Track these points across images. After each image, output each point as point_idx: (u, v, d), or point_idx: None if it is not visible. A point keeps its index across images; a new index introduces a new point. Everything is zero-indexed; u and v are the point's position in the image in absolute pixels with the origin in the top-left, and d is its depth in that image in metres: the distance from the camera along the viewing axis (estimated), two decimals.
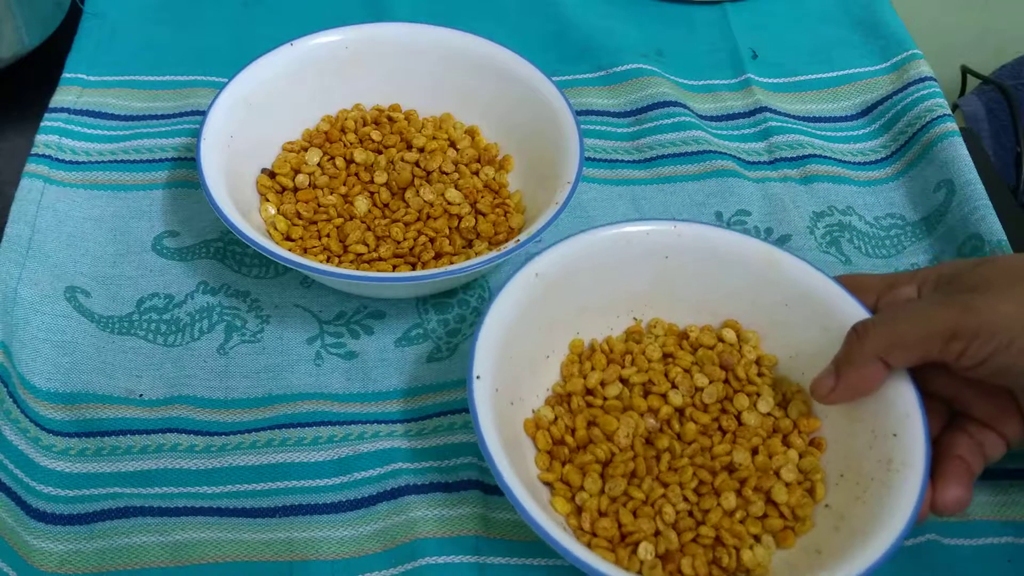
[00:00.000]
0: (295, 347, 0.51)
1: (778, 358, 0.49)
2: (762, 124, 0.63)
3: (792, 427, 0.47)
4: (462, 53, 0.58)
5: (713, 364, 0.49)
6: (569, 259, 0.48)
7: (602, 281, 0.49)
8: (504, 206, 0.55)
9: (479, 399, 0.42)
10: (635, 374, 0.48)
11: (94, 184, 0.57)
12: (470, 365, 0.43)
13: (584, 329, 0.50)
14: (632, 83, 0.64)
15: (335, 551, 0.44)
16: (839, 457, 0.45)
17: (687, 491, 0.44)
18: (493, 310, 0.45)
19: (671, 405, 0.47)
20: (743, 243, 0.49)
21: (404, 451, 0.48)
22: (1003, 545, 0.46)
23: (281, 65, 0.56)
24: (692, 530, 0.43)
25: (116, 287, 0.53)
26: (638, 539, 0.43)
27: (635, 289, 0.50)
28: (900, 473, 0.41)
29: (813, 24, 0.71)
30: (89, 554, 0.44)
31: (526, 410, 0.47)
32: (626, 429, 0.46)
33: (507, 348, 0.45)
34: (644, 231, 0.49)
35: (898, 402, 0.43)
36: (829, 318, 0.47)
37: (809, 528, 0.44)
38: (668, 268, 0.50)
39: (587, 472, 0.45)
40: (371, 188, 0.55)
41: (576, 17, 0.69)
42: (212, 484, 0.46)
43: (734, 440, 0.46)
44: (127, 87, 0.62)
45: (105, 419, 0.48)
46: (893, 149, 0.63)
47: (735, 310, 0.50)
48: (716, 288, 0.50)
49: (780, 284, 0.49)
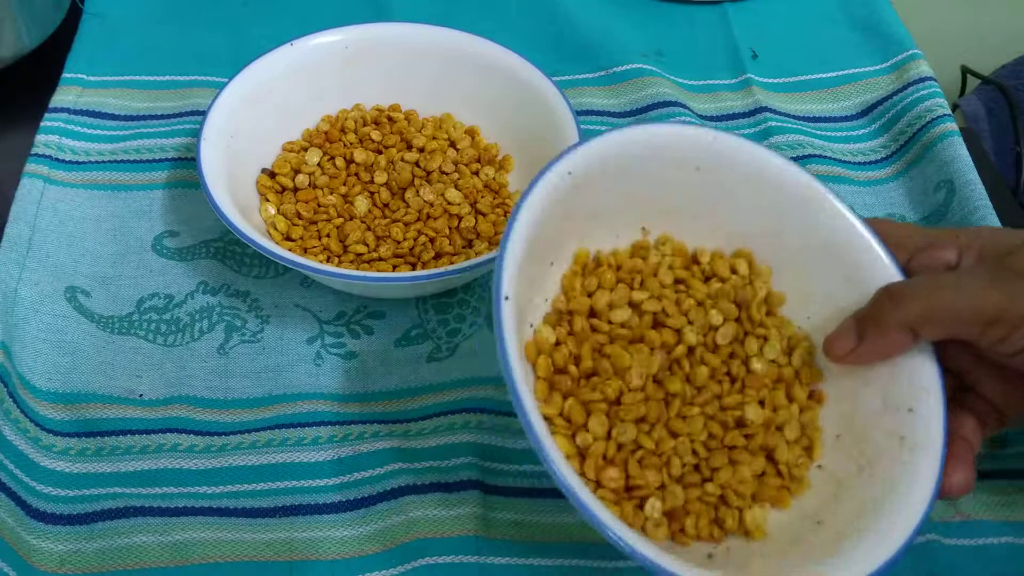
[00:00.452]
0: (295, 347, 0.51)
1: (787, 297, 0.46)
2: (762, 124, 0.63)
3: (795, 377, 0.44)
4: (462, 53, 0.58)
5: (728, 300, 0.44)
6: (602, 157, 0.42)
7: (625, 183, 0.44)
8: (504, 206, 0.55)
9: (506, 323, 0.36)
10: (647, 299, 0.43)
11: (94, 184, 0.57)
12: (497, 283, 0.37)
13: (590, 237, 0.45)
14: (632, 83, 0.64)
15: (335, 551, 0.44)
16: (839, 416, 0.43)
17: (696, 444, 0.40)
18: (522, 217, 0.39)
19: (685, 344, 0.42)
20: (780, 166, 0.44)
21: (404, 451, 0.48)
22: (1003, 545, 0.46)
23: (281, 65, 0.56)
24: (698, 486, 0.40)
25: (116, 287, 0.53)
26: (645, 494, 0.39)
27: (654, 197, 0.45)
28: (915, 454, 0.39)
29: (813, 24, 0.71)
30: (89, 554, 0.44)
31: (524, 326, 0.42)
32: (639, 368, 0.41)
33: (525, 258, 0.39)
34: (682, 134, 0.44)
35: (918, 374, 0.40)
36: (856, 269, 0.43)
37: (805, 489, 0.41)
38: (696, 181, 0.45)
39: (592, 411, 0.40)
40: (371, 188, 0.55)
41: (576, 17, 0.69)
42: (212, 484, 0.46)
43: (743, 389, 0.43)
44: (127, 87, 0.63)
45: (105, 419, 0.48)
46: (893, 149, 0.63)
47: (751, 238, 0.46)
48: (739, 210, 0.45)
49: (809, 220, 0.44)
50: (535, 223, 0.40)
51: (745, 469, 0.41)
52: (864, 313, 0.42)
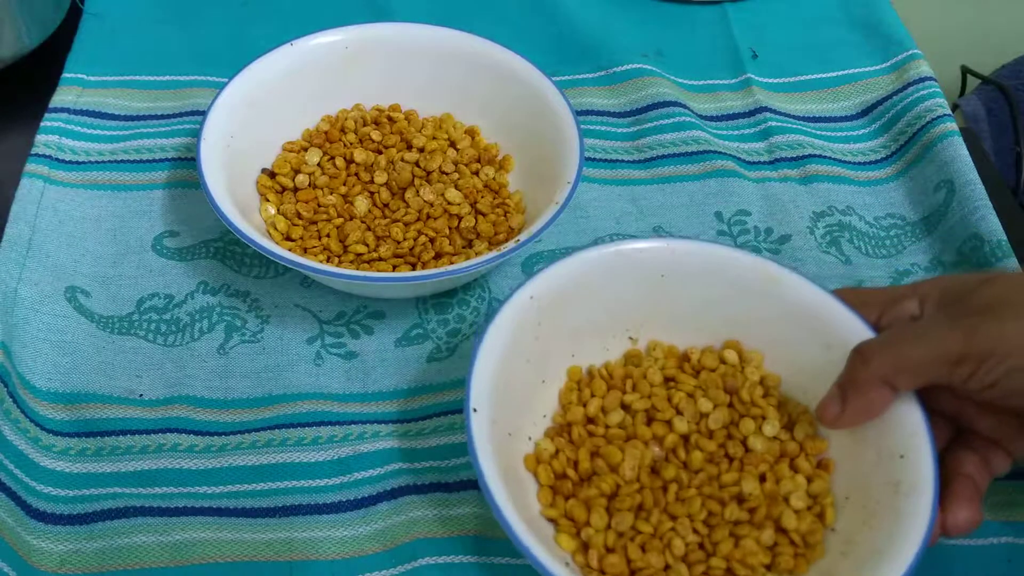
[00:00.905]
0: (295, 347, 0.51)
1: (781, 377, 0.48)
2: (762, 124, 0.63)
3: (799, 450, 0.45)
4: (462, 53, 0.58)
5: (717, 388, 0.47)
6: (563, 279, 0.47)
7: (597, 301, 0.48)
8: (504, 206, 0.55)
9: (477, 432, 0.41)
10: (637, 400, 0.47)
11: (94, 184, 0.57)
12: (467, 397, 0.42)
13: (580, 352, 0.49)
14: (632, 83, 0.64)
15: (335, 551, 0.44)
16: (845, 478, 0.44)
17: (696, 523, 0.43)
18: (489, 337, 0.44)
19: (676, 433, 0.46)
20: (739, 259, 0.48)
21: (404, 451, 0.48)
22: (1003, 545, 0.46)
23: (281, 65, 0.56)
24: (703, 563, 0.42)
25: (116, 287, 0.53)
26: (648, 575, 0.41)
27: (631, 308, 0.49)
28: (909, 498, 0.40)
29: (813, 24, 0.71)
30: (89, 554, 0.44)
31: (523, 440, 0.46)
32: (631, 460, 0.44)
33: (502, 376, 0.44)
34: (638, 248, 0.48)
35: (904, 422, 0.42)
36: (831, 335, 0.46)
37: (820, 555, 0.43)
38: (664, 286, 0.48)
39: (592, 507, 0.43)
40: (371, 188, 0.55)
41: (576, 17, 0.69)
42: (212, 484, 0.46)
43: (741, 468, 0.45)
44: (127, 87, 0.62)
45: (105, 419, 0.48)
46: (893, 149, 0.63)
47: (735, 328, 0.49)
48: (714, 306, 0.49)
49: (779, 300, 0.47)
50: (504, 346, 0.44)
51: (749, 541, 0.42)
52: (843, 377, 0.44)
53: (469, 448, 0.40)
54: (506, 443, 0.44)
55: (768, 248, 0.57)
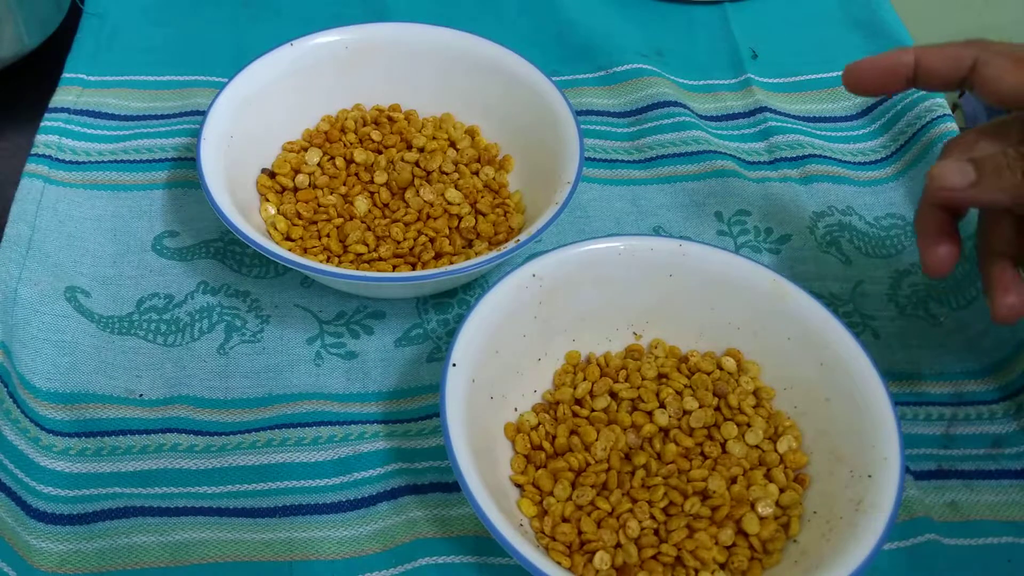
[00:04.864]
0: (295, 347, 0.51)
1: (775, 391, 0.49)
2: (762, 124, 0.63)
3: (778, 461, 0.46)
4: (462, 53, 0.58)
5: (707, 390, 0.48)
6: (570, 265, 0.48)
7: (603, 292, 0.49)
8: (504, 206, 0.55)
9: (450, 386, 0.42)
10: (626, 389, 0.48)
11: (94, 184, 0.57)
12: (449, 351, 0.43)
13: (582, 339, 0.50)
14: (632, 83, 0.64)
15: (335, 551, 0.44)
16: (818, 496, 0.45)
17: (655, 509, 0.44)
18: (483, 303, 0.45)
19: (656, 424, 0.47)
20: (751, 271, 0.48)
21: (404, 451, 0.48)
22: (1003, 545, 0.46)
23: (281, 65, 0.56)
24: (654, 547, 0.43)
25: (116, 287, 0.53)
26: (596, 548, 0.42)
27: (637, 304, 0.50)
28: (867, 515, 0.41)
29: (813, 24, 0.71)
30: (89, 554, 0.44)
31: (508, 408, 0.47)
32: (605, 442, 0.46)
33: (494, 343, 0.45)
34: (649, 246, 0.49)
35: (879, 445, 0.43)
36: (826, 354, 0.46)
37: (776, 562, 0.43)
38: (672, 287, 0.49)
39: (559, 478, 0.45)
40: (371, 188, 0.55)
41: (576, 17, 0.69)
42: (212, 484, 0.46)
43: (714, 467, 0.45)
44: (127, 87, 0.62)
45: (105, 419, 0.48)
46: (893, 149, 0.63)
47: (737, 337, 0.49)
48: (720, 312, 0.49)
49: (784, 316, 0.48)
50: (500, 315, 0.45)
51: (704, 535, 0.43)
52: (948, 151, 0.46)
53: (440, 399, 0.42)
54: (486, 404, 0.45)
55: (768, 248, 0.57)
